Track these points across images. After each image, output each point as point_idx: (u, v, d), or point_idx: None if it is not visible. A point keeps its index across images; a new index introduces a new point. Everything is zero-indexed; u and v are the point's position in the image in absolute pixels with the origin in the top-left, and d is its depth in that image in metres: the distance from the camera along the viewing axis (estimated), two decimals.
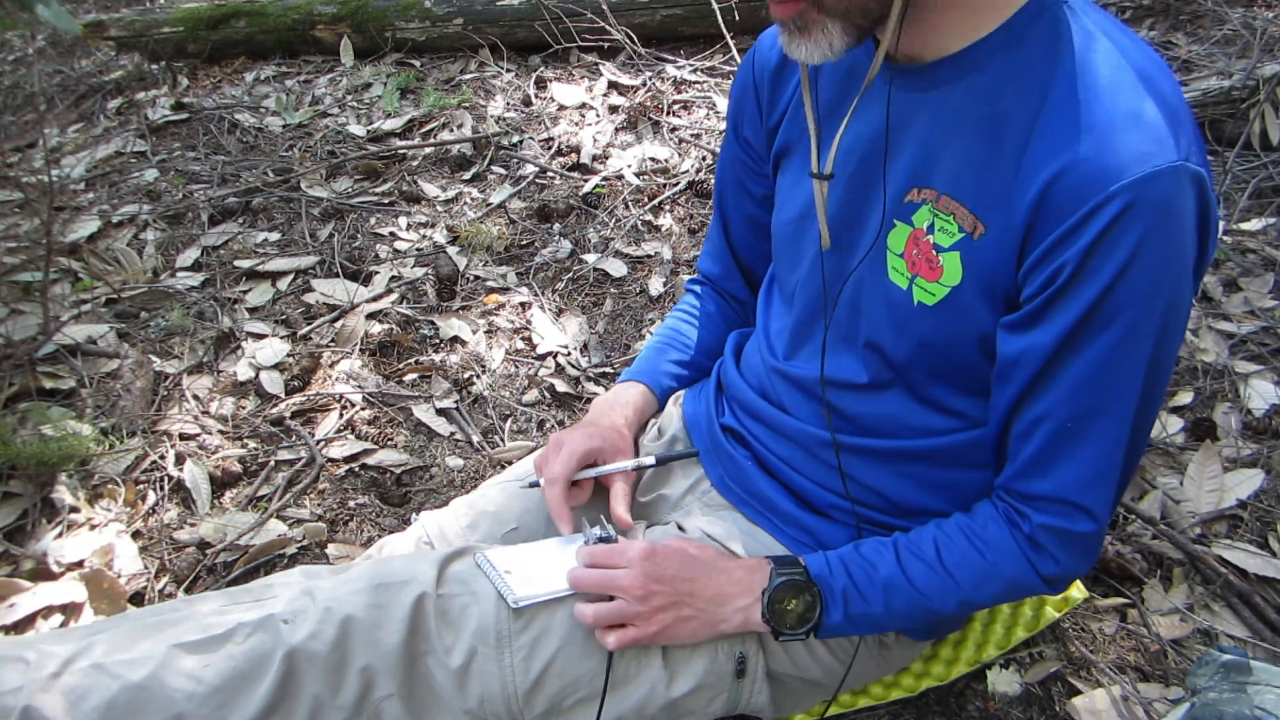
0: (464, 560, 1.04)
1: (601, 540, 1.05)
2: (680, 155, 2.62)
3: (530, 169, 2.59)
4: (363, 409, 1.83)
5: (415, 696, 0.98)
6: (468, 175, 2.59)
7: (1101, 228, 0.78)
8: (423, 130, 2.82)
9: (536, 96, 2.95)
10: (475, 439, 1.78)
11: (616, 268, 2.22)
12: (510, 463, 1.57)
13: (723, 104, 2.85)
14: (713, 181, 2.43)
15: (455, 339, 2.01)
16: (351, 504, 1.65)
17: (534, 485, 1.15)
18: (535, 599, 0.99)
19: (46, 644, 0.95)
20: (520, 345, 2.01)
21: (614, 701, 1.03)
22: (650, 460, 1.16)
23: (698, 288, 1.35)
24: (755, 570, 1.01)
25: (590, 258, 2.25)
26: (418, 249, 2.29)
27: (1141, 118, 0.79)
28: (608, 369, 1.94)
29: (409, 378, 1.92)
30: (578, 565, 1.03)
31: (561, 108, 2.88)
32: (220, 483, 1.68)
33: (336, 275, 2.19)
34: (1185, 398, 1.76)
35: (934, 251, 0.90)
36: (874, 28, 0.85)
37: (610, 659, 1.01)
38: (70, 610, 1.43)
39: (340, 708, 0.96)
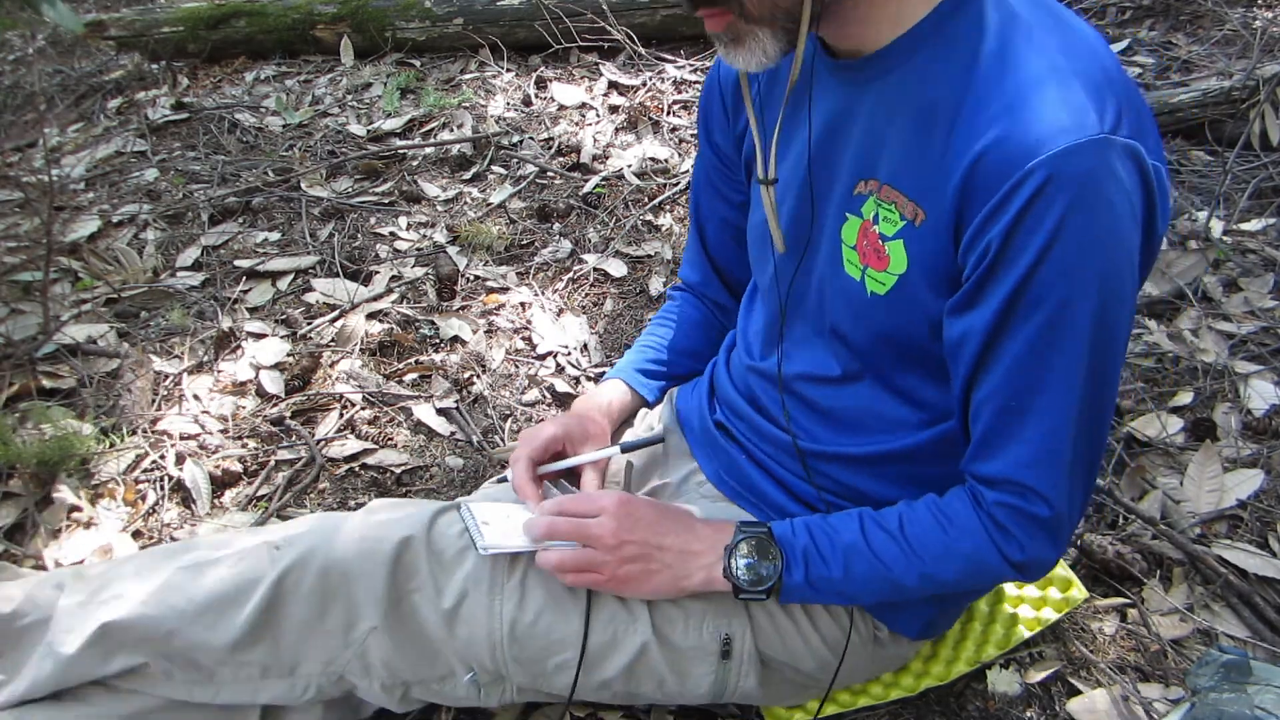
0: (456, 511, 1.08)
1: None
2: (680, 155, 2.62)
3: (530, 169, 2.59)
4: (363, 409, 1.83)
5: (402, 633, 1.01)
6: (468, 175, 2.59)
7: (1021, 205, 0.78)
8: (423, 130, 2.82)
9: (536, 96, 2.95)
10: (475, 439, 1.78)
11: (616, 268, 2.22)
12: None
13: None
14: None
15: (455, 339, 2.01)
16: (352, 504, 1.65)
17: (504, 481, 1.17)
18: (503, 549, 1.01)
19: (80, 577, 1.04)
20: (520, 345, 2.01)
21: (598, 670, 1.04)
22: (615, 450, 1.16)
23: (677, 294, 1.36)
24: (721, 530, 1.02)
25: (590, 258, 2.25)
26: (418, 249, 2.29)
27: (1061, 93, 0.78)
28: (607, 369, 1.94)
29: (409, 378, 1.92)
30: (547, 514, 1.03)
31: (561, 108, 2.88)
32: (220, 482, 1.68)
33: (336, 275, 2.19)
34: (1185, 398, 1.76)
35: (880, 241, 0.91)
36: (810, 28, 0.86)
37: (588, 619, 1.02)
38: None
39: (327, 633, 1.00)
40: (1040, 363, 0.84)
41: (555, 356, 1.98)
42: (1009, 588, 1.36)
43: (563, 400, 1.88)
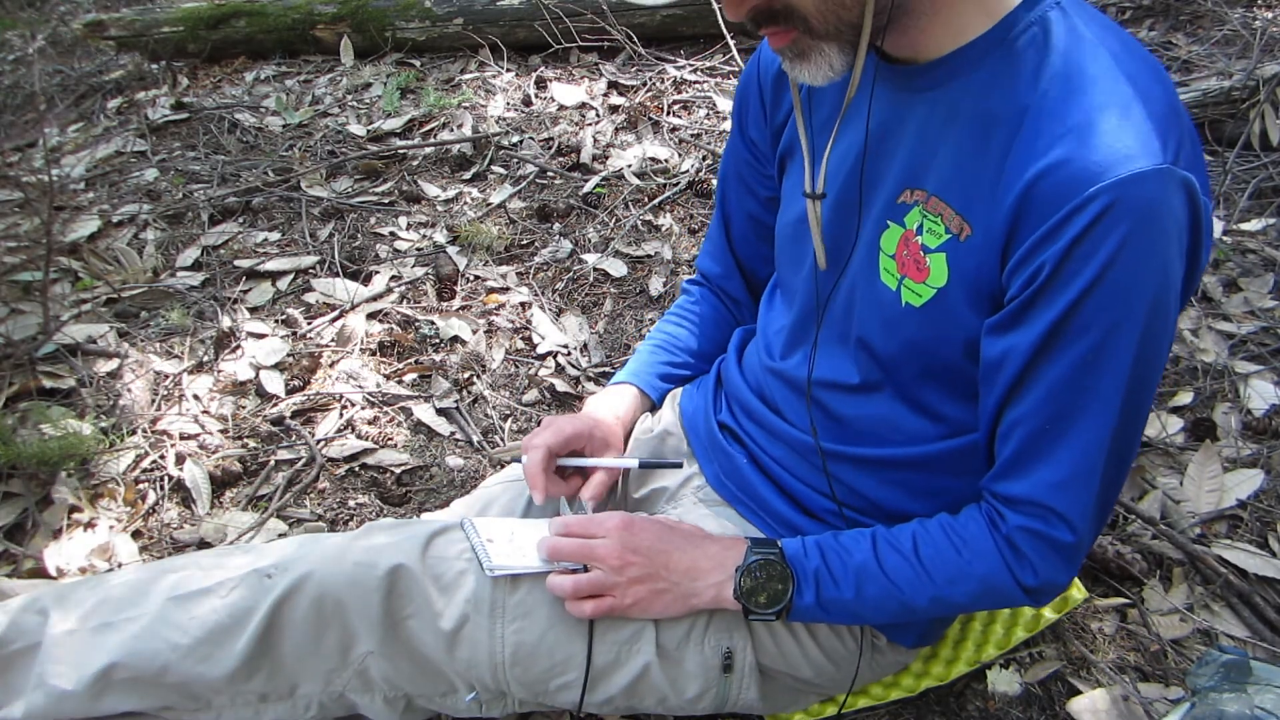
0: (455, 531, 1.07)
1: None
2: (680, 155, 2.62)
3: (530, 169, 2.59)
4: (363, 409, 1.83)
5: (401, 656, 1.01)
6: (468, 175, 2.59)
7: (1081, 228, 0.77)
8: (423, 130, 2.82)
9: (536, 96, 2.95)
10: (475, 439, 1.78)
11: (616, 268, 2.22)
12: (510, 462, 1.57)
13: (723, 104, 2.85)
14: (713, 181, 2.43)
15: (455, 339, 2.01)
16: (351, 504, 1.65)
17: (517, 460, 1.16)
18: (511, 570, 1.01)
19: (65, 601, 1.02)
20: (520, 345, 2.01)
21: (601, 688, 1.04)
22: (633, 463, 1.17)
23: (694, 288, 1.35)
24: (731, 548, 1.02)
25: (590, 258, 2.25)
26: (418, 249, 2.29)
27: (1127, 120, 0.78)
28: (608, 369, 1.94)
29: (409, 378, 1.92)
30: (553, 534, 1.04)
31: (561, 108, 2.88)
32: (220, 482, 1.68)
33: (336, 275, 2.19)
34: (1185, 398, 1.76)
35: (921, 253, 0.90)
36: (871, 40, 0.85)
37: (591, 642, 1.02)
38: None
39: (324, 656, 1.00)
40: (1081, 387, 0.84)
41: (555, 356, 1.97)
42: None
43: (563, 400, 1.88)
